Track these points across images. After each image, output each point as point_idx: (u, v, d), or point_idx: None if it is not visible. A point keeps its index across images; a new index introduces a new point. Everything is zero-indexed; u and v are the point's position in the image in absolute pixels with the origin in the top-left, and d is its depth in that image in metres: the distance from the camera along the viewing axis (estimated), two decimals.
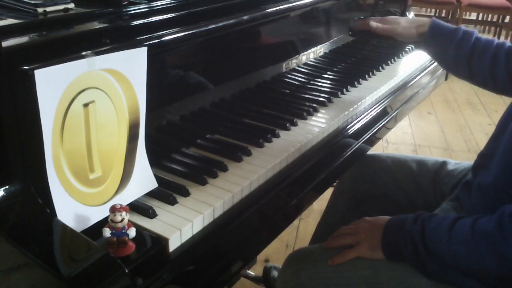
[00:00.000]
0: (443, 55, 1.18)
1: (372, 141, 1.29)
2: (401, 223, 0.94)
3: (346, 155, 1.15)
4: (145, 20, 0.88)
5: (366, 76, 1.47)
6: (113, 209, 0.67)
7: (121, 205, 0.68)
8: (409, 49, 1.75)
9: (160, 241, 0.72)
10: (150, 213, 0.77)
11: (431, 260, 0.88)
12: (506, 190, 0.91)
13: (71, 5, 0.83)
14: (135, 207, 0.79)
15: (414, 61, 1.67)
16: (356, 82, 1.41)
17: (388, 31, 1.24)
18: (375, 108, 1.31)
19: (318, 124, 1.14)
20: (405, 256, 0.91)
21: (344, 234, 1.02)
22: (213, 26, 0.98)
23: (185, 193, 0.84)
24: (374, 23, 1.25)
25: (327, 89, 1.36)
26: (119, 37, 0.81)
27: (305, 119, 1.17)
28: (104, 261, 0.61)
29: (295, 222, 2.17)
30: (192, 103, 1.02)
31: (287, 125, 1.11)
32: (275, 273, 1.64)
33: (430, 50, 1.23)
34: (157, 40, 0.86)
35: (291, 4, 1.22)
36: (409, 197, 1.25)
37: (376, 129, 1.29)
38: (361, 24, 1.31)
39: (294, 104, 1.25)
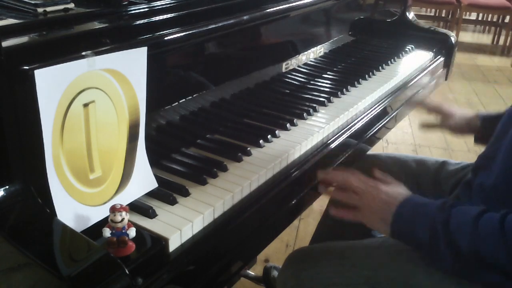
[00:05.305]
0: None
1: (372, 141, 1.29)
2: (423, 206, 0.88)
3: (346, 155, 1.15)
4: (145, 20, 0.88)
5: (366, 76, 1.47)
6: (113, 209, 0.67)
7: (121, 205, 0.68)
8: (409, 49, 1.75)
9: (160, 241, 0.72)
10: (150, 213, 0.77)
11: (450, 251, 0.82)
12: (508, 192, 0.90)
13: (71, 5, 0.83)
14: (135, 207, 0.79)
15: (414, 61, 1.66)
16: (356, 82, 1.41)
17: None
18: (375, 108, 1.31)
19: (318, 124, 1.14)
20: (418, 241, 0.85)
21: (351, 186, 0.94)
22: (213, 26, 0.98)
23: (185, 193, 0.84)
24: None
25: (327, 89, 1.36)
26: (119, 37, 0.81)
27: (305, 119, 1.17)
28: (104, 261, 0.61)
29: (295, 222, 2.17)
30: (192, 103, 1.02)
31: (287, 125, 1.11)
32: (275, 273, 1.64)
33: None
34: (157, 40, 0.86)
35: (291, 4, 1.22)
36: None
37: (376, 129, 1.29)
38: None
39: (294, 104, 1.25)
